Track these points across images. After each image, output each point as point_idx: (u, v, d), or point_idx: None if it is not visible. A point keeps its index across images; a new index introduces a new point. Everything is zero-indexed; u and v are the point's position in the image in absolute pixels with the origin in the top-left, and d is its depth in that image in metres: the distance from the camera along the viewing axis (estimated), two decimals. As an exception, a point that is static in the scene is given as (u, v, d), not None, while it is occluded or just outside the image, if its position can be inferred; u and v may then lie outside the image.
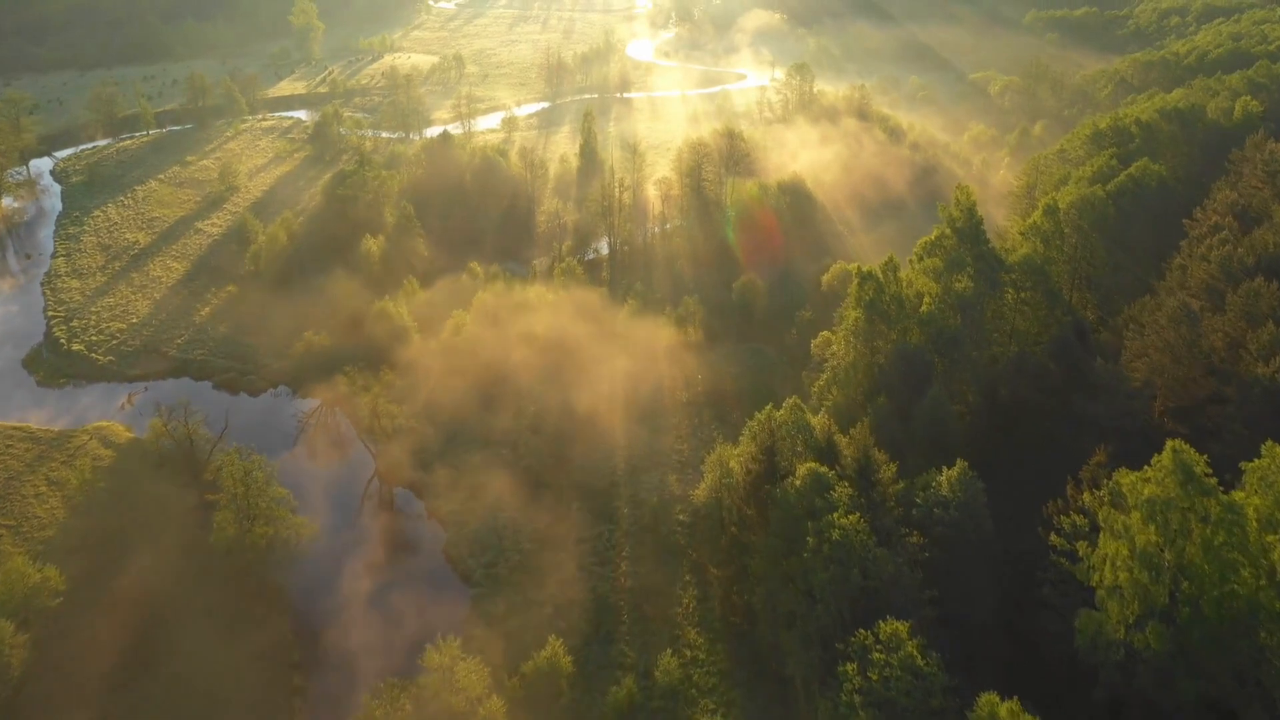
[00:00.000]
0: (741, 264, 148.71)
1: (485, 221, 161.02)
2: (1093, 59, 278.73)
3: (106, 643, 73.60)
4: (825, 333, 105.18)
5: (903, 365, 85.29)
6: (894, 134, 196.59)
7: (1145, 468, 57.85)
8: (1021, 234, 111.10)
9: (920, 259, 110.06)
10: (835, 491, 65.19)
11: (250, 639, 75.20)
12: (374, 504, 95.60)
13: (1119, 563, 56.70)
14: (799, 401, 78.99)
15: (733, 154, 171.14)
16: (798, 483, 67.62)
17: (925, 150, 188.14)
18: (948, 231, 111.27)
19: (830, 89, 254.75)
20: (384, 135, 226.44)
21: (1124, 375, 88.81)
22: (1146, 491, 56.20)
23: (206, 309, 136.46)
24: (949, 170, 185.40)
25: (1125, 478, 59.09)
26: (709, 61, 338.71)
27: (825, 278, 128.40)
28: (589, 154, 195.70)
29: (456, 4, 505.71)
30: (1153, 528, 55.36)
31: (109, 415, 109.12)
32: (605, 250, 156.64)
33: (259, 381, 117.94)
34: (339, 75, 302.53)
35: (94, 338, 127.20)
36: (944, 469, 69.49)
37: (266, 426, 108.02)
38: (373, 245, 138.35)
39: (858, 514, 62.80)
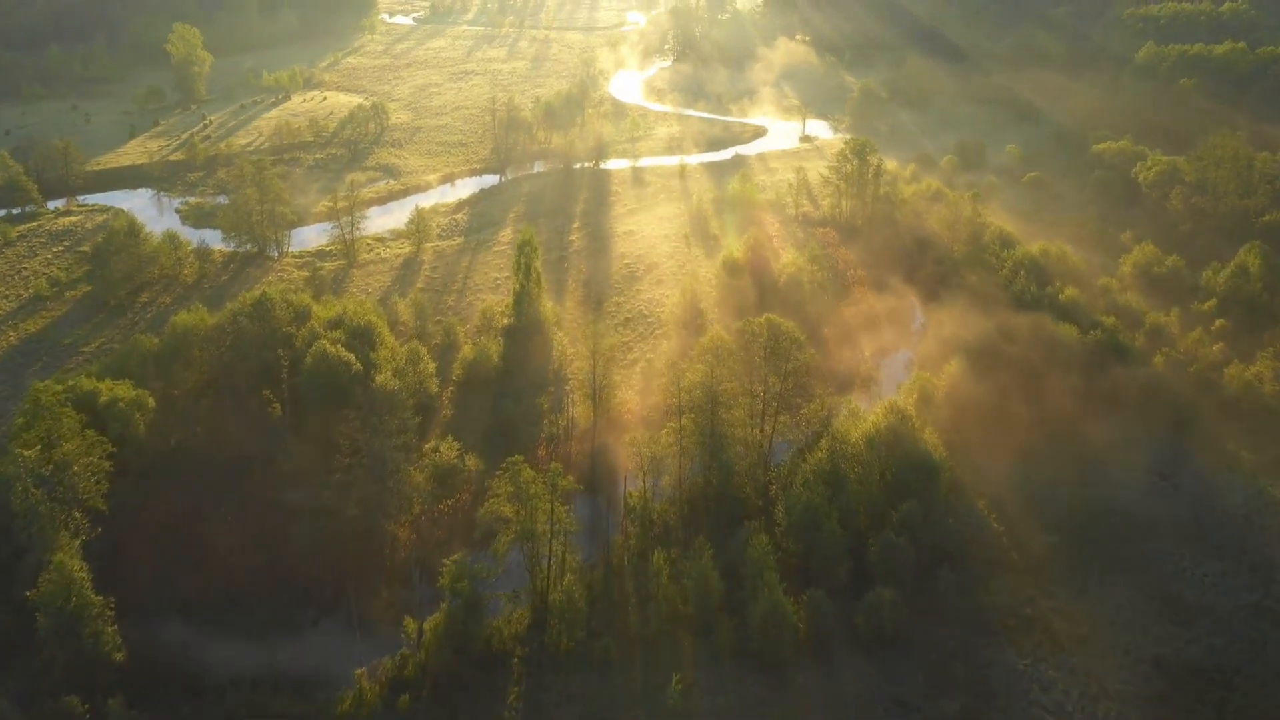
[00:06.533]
0: (800, 629, 70.26)
1: (300, 518, 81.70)
2: (1251, 119, 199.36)
3: None
4: None
5: None
6: (1038, 276, 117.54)
7: None
8: None
9: None
10: None
11: None
12: None
13: None
14: None
15: (776, 349, 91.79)
16: None
17: (1099, 317, 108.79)
18: None
19: (894, 164, 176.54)
20: (223, 248, 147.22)
21: None
22: None
23: None
24: (1136, 352, 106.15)
25: None
26: (716, 106, 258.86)
27: None
28: (525, 314, 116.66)
29: (414, 19, 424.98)
30: None
31: None
32: (531, 572, 77.07)
33: None
34: (215, 129, 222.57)
35: None
36: None
37: None
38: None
39: None
